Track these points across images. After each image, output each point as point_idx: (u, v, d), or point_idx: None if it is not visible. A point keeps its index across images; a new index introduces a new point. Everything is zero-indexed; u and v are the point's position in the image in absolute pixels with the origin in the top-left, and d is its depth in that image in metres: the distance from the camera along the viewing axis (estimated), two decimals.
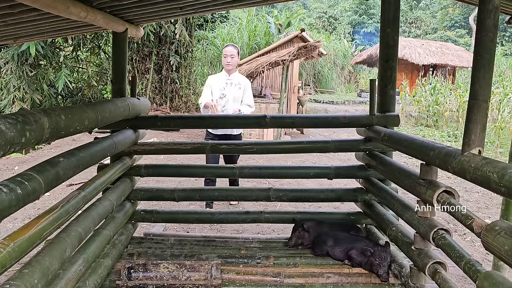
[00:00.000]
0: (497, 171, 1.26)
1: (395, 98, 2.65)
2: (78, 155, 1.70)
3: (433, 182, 1.81)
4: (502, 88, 11.83)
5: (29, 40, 4.12)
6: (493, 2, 1.45)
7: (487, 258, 3.14)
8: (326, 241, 2.41)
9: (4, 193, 1.13)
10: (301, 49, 7.51)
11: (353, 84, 21.15)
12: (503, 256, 1.24)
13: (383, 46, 2.56)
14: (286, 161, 6.43)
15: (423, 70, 17.27)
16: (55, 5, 1.85)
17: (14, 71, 8.16)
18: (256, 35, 16.21)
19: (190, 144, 2.64)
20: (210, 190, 2.78)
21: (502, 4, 2.28)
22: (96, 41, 9.24)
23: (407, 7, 30.95)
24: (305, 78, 17.99)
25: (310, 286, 2.17)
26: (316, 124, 3.14)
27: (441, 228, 1.76)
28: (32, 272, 1.31)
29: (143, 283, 2.11)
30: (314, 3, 31.67)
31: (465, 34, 27.52)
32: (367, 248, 2.24)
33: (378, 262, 2.19)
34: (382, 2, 2.54)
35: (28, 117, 1.24)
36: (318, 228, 2.56)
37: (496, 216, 4.03)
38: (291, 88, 9.49)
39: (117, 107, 2.26)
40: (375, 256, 2.20)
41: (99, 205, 2.07)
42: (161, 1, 2.43)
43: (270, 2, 3.29)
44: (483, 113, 1.50)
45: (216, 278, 2.13)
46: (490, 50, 1.49)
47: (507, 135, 9.28)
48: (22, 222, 3.56)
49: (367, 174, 2.71)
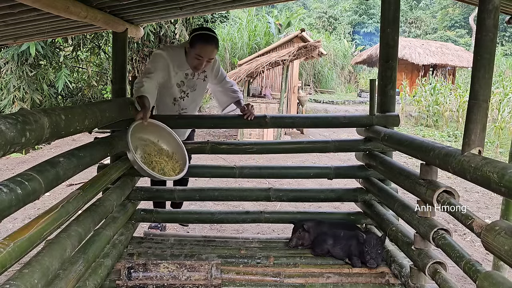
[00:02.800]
0: (497, 171, 1.26)
1: (395, 98, 2.65)
2: (78, 155, 1.70)
3: (433, 182, 1.81)
4: (502, 88, 11.83)
5: (29, 40, 4.12)
6: (493, 2, 1.45)
7: (487, 258, 3.14)
8: (326, 240, 2.41)
9: (4, 193, 1.13)
10: (301, 49, 7.51)
11: (353, 84, 21.15)
12: (503, 256, 1.24)
13: (383, 46, 2.56)
14: (286, 161, 6.43)
15: (423, 70, 17.26)
16: (55, 5, 1.85)
17: (14, 71, 8.16)
18: (256, 35, 16.23)
19: (190, 144, 2.64)
20: (210, 190, 2.78)
21: (502, 4, 2.28)
22: (96, 41, 9.24)
23: (407, 7, 30.95)
24: (305, 78, 17.98)
25: (310, 286, 2.17)
26: (316, 124, 3.14)
27: (441, 228, 1.76)
28: (32, 272, 1.31)
29: (143, 283, 2.11)
30: (314, 3, 31.67)
31: (465, 34, 27.52)
32: (361, 234, 2.28)
33: (368, 249, 2.22)
34: (382, 2, 2.54)
35: (28, 117, 1.24)
36: (318, 228, 2.57)
37: (496, 216, 4.04)
38: (291, 88, 9.49)
39: (117, 107, 2.27)
40: (366, 243, 2.24)
41: (99, 205, 2.07)
42: (161, 1, 2.43)
43: (270, 2, 3.30)
44: (483, 113, 1.50)
45: (216, 278, 2.13)
46: (490, 50, 1.49)
47: (507, 135, 9.28)
48: (22, 222, 3.56)
49: (367, 174, 2.71)
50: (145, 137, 2.43)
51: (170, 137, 2.46)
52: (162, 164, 2.37)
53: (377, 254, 2.23)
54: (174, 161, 2.43)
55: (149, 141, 2.44)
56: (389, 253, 2.29)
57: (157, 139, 2.46)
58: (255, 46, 15.67)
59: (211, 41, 2.47)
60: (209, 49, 2.46)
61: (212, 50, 2.48)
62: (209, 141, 2.66)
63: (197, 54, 2.45)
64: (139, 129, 2.34)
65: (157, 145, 2.46)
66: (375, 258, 2.22)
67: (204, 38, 2.46)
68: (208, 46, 2.46)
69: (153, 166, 2.32)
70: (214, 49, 2.49)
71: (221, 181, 4.21)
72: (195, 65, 2.52)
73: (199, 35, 2.46)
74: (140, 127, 2.31)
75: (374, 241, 2.24)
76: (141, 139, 2.41)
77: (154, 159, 2.36)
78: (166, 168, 2.35)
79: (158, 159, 2.38)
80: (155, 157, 2.38)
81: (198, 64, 2.50)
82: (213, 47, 2.48)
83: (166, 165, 2.37)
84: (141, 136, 2.40)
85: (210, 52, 2.47)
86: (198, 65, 2.51)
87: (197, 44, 2.44)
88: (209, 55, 2.47)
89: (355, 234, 2.34)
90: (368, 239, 2.25)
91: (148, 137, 2.44)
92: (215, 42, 2.50)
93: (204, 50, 2.45)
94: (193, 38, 2.46)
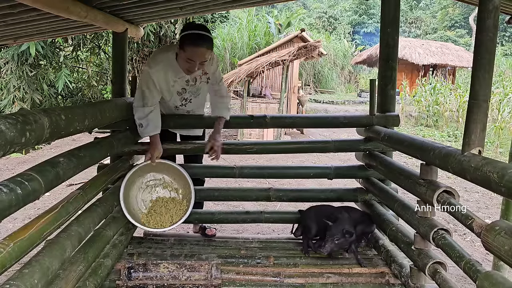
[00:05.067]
0: (497, 171, 1.26)
1: (395, 98, 2.65)
2: (78, 155, 1.70)
3: (433, 182, 1.81)
4: (502, 88, 11.83)
5: (29, 40, 4.12)
6: (493, 2, 1.45)
7: (487, 258, 3.14)
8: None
9: (4, 193, 1.13)
10: (301, 49, 7.51)
11: (353, 84, 21.14)
12: (503, 256, 1.24)
13: (383, 46, 2.56)
14: (286, 161, 6.43)
15: (423, 70, 17.25)
16: (55, 5, 1.86)
17: (14, 71, 8.16)
18: (256, 35, 16.23)
19: (190, 144, 2.64)
20: (210, 190, 2.78)
21: (502, 4, 2.28)
22: (96, 41, 9.23)
23: (407, 7, 30.94)
24: (305, 78, 17.98)
25: (310, 286, 2.17)
26: (316, 124, 3.15)
27: (441, 228, 1.76)
28: (32, 272, 1.31)
29: (143, 283, 2.11)
30: (314, 3, 31.66)
31: (465, 34, 27.51)
32: (330, 222, 2.31)
33: (328, 236, 2.25)
34: (382, 2, 2.54)
35: (28, 117, 1.24)
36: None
37: (496, 216, 4.03)
38: (291, 88, 9.49)
39: (117, 107, 2.27)
40: (328, 230, 2.28)
41: (99, 205, 2.07)
42: (161, 1, 2.43)
43: (270, 2, 3.30)
44: (483, 113, 1.50)
45: (216, 278, 2.13)
46: (490, 50, 1.49)
47: (507, 135, 9.27)
48: (22, 222, 3.56)
49: (367, 174, 2.71)
50: (159, 176, 2.58)
51: (179, 173, 2.53)
52: (171, 211, 2.52)
53: (332, 243, 2.24)
54: (184, 204, 2.54)
55: (165, 180, 2.59)
56: (389, 253, 2.28)
57: (173, 177, 2.59)
58: (255, 46, 15.67)
59: (202, 42, 2.16)
60: (200, 52, 2.16)
61: (203, 52, 2.17)
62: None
63: (187, 57, 2.17)
64: (149, 167, 2.50)
65: (171, 186, 2.60)
66: (324, 246, 2.24)
67: (193, 40, 2.15)
68: (198, 48, 2.15)
69: (160, 212, 2.49)
70: (207, 51, 2.18)
71: (221, 181, 4.21)
72: (187, 69, 2.25)
73: (188, 35, 2.16)
74: (149, 165, 2.46)
75: (334, 230, 2.25)
76: (155, 177, 2.57)
77: (168, 206, 2.52)
78: (174, 215, 2.49)
79: (172, 205, 2.54)
80: (170, 203, 2.55)
81: (190, 67, 2.22)
82: (205, 48, 2.17)
83: (175, 212, 2.51)
84: (154, 175, 2.57)
85: (202, 54, 2.17)
86: (191, 68, 2.23)
87: (187, 46, 2.15)
88: (201, 57, 2.18)
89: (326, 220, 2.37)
90: (331, 227, 2.28)
91: (163, 176, 2.58)
92: (207, 42, 2.18)
93: (194, 53, 2.15)
94: (182, 39, 2.18)
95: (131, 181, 2.47)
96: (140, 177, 2.54)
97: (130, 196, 2.48)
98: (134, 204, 2.51)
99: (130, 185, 2.46)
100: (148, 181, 2.57)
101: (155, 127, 2.36)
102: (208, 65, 2.36)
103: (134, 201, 2.51)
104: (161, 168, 2.54)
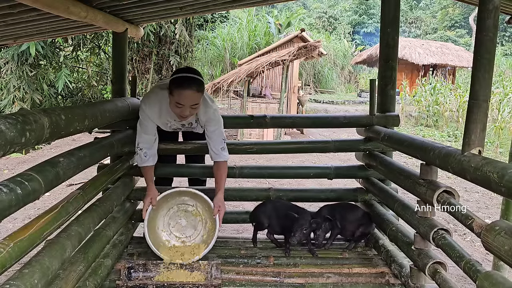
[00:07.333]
0: (497, 171, 1.26)
1: (395, 98, 2.65)
2: (78, 155, 1.70)
3: (433, 182, 1.81)
4: (502, 88, 11.84)
5: (29, 40, 4.12)
6: (493, 2, 1.45)
7: (487, 258, 3.14)
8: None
9: (4, 193, 1.13)
10: (301, 49, 7.51)
11: (353, 84, 21.15)
12: (503, 256, 1.24)
13: (383, 46, 2.56)
14: (286, 161, 6.43)
15: (423, 70, 17.26)
16: (55, 5, 1.86)
17: (14, 71, 8.16)
18: (256, 35, 16.24)
19: (190, 144, 2.64)
20: (210, 190, 2.77)
21: (502, 4, 2.28)
22: (96, 41, 9.24)
23: (407, 7, 30.94)
24: (305, 78, 17.99)
25: (310, 286, 2.17)
26: (316, 124, 3.15)
27: (441, 228, 1.76)
28: (32, 272, 1.31)
29: (143, 283, 2.11)
30: (314, 3, 31.66)
31: (465, 34, 27.51)
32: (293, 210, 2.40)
33: (295, 227, 2.31)
34: (382, 2, 2.54)
35: (28, 117, 1.24)
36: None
37: (496, 216, 4.03)
38: (291, 88, 9.49)
39: (117, 107, 2.27)
40: (296, 221, 2.32)
41: (99, 205, 2.07)
42: (161, 1, 2.43)
43: (270, 2, 3.30)
44: (483, 113, 1.50)
45: (216, 278, 2.13)
46: (490, 50, 1.49)
47: (507, 135, 9.27)
48: (22, 222, 3.56)
49: (367, 174, 2.71)
50: (192, 202, 2.49)
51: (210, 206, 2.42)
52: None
53: (300, 233, 2.29)
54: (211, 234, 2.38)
55: (196, 208, 2.49)
56: (389, 253, 2.28)
57: (194, 203, 2.49)
58: (255, 46, 15.69)
59: (188, 84, 2.08)
60: (186, 94, 2.07)
61: (191, 95, 2.08)
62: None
63: (176, 102, 2.10)
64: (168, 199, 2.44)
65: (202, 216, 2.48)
66: (294, 236, 2.29)
67: (179, 83, 2.08)
68: (186, 91, 2.07)
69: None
70: (195, 93, 2.08)
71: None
72: (178, 114, 2.17)
73: (175, 79, 2.12)
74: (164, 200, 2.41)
75: (301, 221, 2.30)
76: (186, 203, 2.49)
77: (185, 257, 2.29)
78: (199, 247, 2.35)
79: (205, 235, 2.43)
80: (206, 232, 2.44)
81: (182, 112, 2.13)
82: (193, 91, 2.07)
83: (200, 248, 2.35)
84: (187, 200, 2.49)
85: (189, 96, 2.07)
86: (182, 113, 2.13)
87: (174, 90, 2.09)
88: (189, 100, 2.08)
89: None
90: (298, 218, 2.32)
91: (196, 203, 2.49)
92: (196, 84, 2.09)
93: (182, 96, 2.07)
94: (170, 83, 2.13)
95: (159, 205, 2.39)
96: (172, 200, 2.46)
97: (157, 217, 2.42)
98: (160, 224, 2.43)
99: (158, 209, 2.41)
100: (179, 204, 2.48)
101: (153, 155, 2.37)
102: (201, 111, 2.28)
103: (161, 221, 2.43)
104: (195, 197, 2.47)
